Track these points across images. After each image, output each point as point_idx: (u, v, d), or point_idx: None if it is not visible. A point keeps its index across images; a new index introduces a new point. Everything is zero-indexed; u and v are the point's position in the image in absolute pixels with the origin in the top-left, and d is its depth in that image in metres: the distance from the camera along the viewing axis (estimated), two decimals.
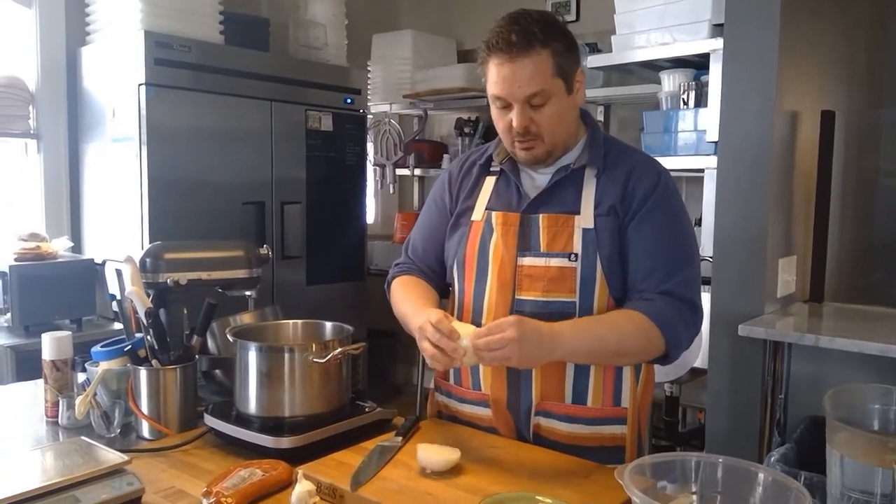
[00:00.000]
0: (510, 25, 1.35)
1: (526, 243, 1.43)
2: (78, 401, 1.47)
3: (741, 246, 2.38)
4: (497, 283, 1.44)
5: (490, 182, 1.53)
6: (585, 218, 1.41)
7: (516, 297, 1.43)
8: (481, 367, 1.47)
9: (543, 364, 1.33)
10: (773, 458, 2.00)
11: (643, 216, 1.40)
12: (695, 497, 1.10)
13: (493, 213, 1.47)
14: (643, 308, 1.37)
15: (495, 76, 1.37)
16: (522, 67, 1.34)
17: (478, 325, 1.45)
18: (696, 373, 2.67)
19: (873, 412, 1.07)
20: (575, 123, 1.48)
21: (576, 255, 1.40)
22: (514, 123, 1.38)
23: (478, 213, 1.50)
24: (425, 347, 1.31)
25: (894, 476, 0.88)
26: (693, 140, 2.61)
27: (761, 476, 1.06)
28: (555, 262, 1.40)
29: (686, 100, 2.65)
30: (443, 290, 1.60)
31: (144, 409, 1.48)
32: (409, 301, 1.49)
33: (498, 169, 1.52)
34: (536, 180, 1.49)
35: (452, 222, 1.55)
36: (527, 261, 1.42)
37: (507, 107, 1.39)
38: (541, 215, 1.43)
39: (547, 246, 1.42)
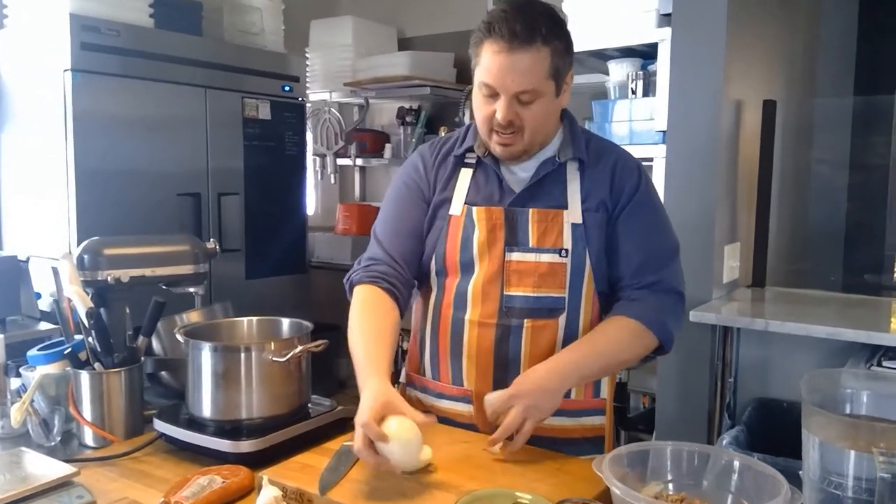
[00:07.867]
0: (516, 14, 1.29)
1: (514, 238, 1.40)
2: (13, 408, 1.37)
3: (690, 233, 2.40)
4: (485, 279, 1.41)
5: (466, 174, 1.47)
6: (574, 213, 1.40)
7: (505, 292, 1.40)
8: (464, 361, 1.43)
9: (535, 365, 1.35)
10: (724, 441, 2.03)
11: (631, 210, 1.42)
12: (671, 485, 1.10)
13: (475, 209, 1.42)
14: (634, 312, 1.39)
15: (489, 63, 1.31)
16: (520, 61, 1.29)
17: (461, 322, 1.42)
18: (645, 358, 2.69)
19: (845, 396, 1.09)
20: (556, 125, 1.45)
21: (566, 250, 1.39)
22: (499, 116, 1.33)
23: (456, 208, 1.45)
24: (356, 437, 1.15)
25: (876, 461, 0.88)
26: (642, 129, 2.63)
27: (736, 463, 1.07)
28: (545, 257, 1.39)
29: (634, 89, 2.67)
30: (411, 287, 1.50)
31: (87, 415, 1.39)
32: (362, 338, 1.36)
33: (473, 161, 1.47)
34: (517, 174, 1.45)
35: (430, 214, 1.48)
36: (515, 256, 1.40)
37: (493, 96, 1.34)
38: (529, 210, 1.40)
39: (537, 241, 1.39)
